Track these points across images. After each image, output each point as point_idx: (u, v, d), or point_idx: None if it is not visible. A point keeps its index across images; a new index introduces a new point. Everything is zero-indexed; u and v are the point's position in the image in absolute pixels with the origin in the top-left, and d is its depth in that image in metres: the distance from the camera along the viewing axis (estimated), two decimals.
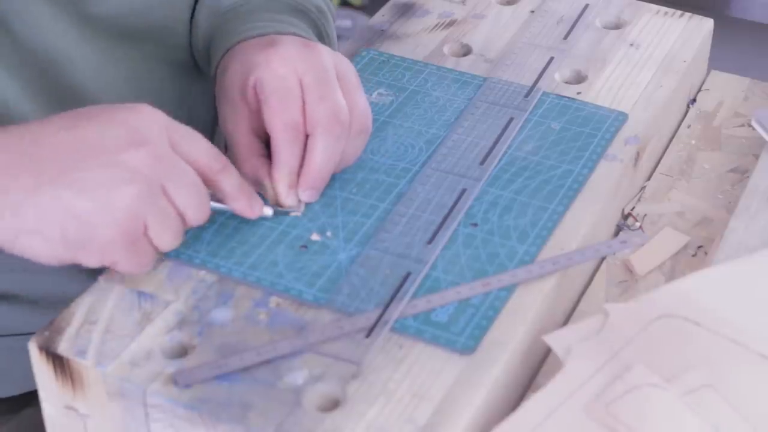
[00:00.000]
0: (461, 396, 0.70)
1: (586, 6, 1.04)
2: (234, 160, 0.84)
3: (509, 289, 0.77)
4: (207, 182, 0.77)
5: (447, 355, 0.73)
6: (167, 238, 0.74)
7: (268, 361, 0.72)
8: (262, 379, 0.71)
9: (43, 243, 0.72)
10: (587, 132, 0.90)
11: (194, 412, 0.69)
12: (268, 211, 0.82)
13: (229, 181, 0.78)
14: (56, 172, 0.72)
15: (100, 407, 0.74)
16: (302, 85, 0.82)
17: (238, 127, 0.84)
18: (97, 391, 0.73)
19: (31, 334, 0.75)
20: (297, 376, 0.71)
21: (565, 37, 1.00)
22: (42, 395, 0.76)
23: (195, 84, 1.02)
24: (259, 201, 0.81)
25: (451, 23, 1.03)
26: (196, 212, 0.75)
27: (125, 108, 0.75)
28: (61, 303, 0.78)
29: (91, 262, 0.74)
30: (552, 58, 0.98)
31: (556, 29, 1.02)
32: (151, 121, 0.74)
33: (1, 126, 0.75)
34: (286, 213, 0.83)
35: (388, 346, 0.73)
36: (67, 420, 0.76)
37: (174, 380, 0.70)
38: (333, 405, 0.70)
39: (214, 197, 0.79)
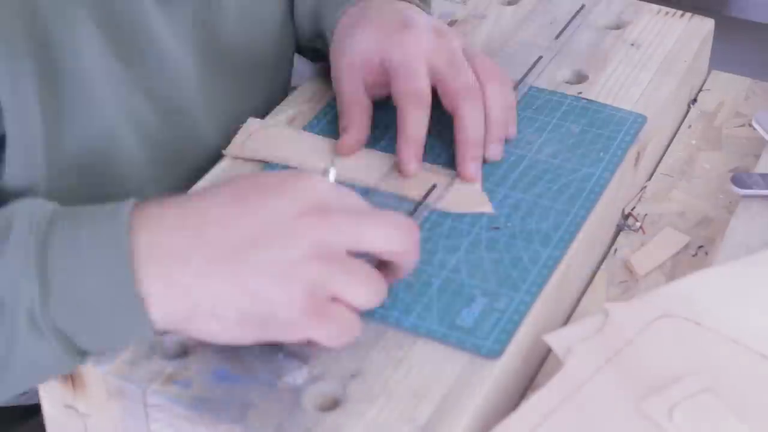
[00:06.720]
0: (461, 396, 0.70)
1: (582, 6, 1.04)
2: (340, 111, 0.89)
3: (534, 294, 0.77)
4: None
5: (447, 354, 0.73)
6: (361, 294, 0.70)
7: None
8: (262, 378, 0.71)
9: (218, 324, 0.68)
10: (607, 135, 0.90)
11: (194, 412, 0.69)
12: None
13: None
14: (228, 250, 0.67)
15: (99, 407, 0.74)
16: (434, 68, 0.85)
17: (352, 82, 0.88)
18: (96, 391, 0.73)
19: None
20: (297, 375, 0.71)
21: (557, 37, 1.00)
22: (42, 394, 0.76)
23: None
24: None
25: (452, 23, 1.03)
26: (392, 252, 0.71)
27: (286, 175, 0.71)
28: None
29: (279, 338, 0.69)
30: (540, 57, 0.98)
31: (549, 28, 1.02)
32: (315, 187, 0.70)
33: (155, 199, 0.70)
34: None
35: (388, 346, 0.73)
36: (67, 419, 0.76)
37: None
38: (333, 405, 0.70)
39: None
